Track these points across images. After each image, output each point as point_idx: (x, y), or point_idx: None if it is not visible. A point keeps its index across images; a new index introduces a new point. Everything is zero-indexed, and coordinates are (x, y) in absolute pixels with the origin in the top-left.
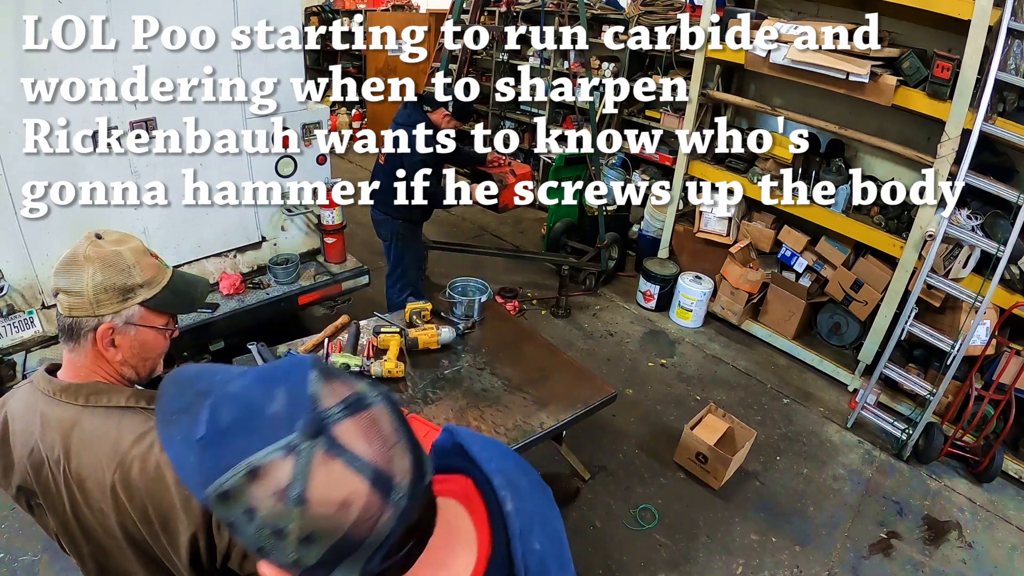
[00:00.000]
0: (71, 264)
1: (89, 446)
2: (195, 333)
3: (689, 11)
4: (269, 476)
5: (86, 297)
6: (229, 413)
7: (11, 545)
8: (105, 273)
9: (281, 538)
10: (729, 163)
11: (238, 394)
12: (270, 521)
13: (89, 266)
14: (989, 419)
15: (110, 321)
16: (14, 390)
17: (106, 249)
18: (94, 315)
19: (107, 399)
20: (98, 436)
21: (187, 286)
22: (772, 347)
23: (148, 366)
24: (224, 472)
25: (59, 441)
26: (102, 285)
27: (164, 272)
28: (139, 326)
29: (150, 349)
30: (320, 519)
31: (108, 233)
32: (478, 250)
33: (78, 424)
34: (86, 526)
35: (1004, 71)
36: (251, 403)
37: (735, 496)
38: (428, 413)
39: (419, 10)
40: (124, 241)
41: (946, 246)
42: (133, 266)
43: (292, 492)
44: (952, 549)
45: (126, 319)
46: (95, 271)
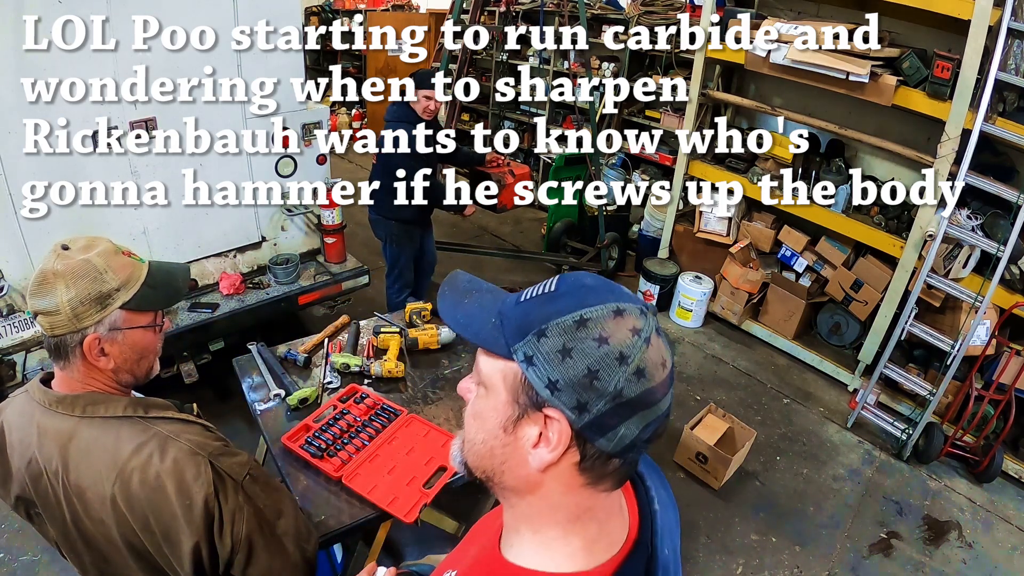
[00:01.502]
0: (42, 283)
1: (87, 458)
2: (195, 333)
3: (689, 11)
4: (626, 319)
5: (63, 314)
6: (592, 280)
7: (11, 545)
8: (78, 286)
9: (624, 363)
10: (729, 163)
11: (596, 276)
12: (620, 348)
13: (60, 282)
14: (989, 419)
15: (94, 332)
16: (10, 399)
17: (74, 260)
18: (77, 329)
19: (104, 409)
20: (96, 447)
21: (167, 277)
22: (772, 347)
23: (144, 366)
24: (583, 309)
25: (57, 453)
26: (77, 299)
27: (140, 268)
28: (125, 329)
29: (143, 349)
30: (650, 363)
31: (75, 241)
32: (478, 250)
33: (75, 436)
34: (87, 536)
35: (1004, 71)
36: (610, 282)
37: (735, 496)
38: (428, 413)
39: (419, 10)
40: (92, 246)
41: (946, 246)
42: (104, 271)
43: (644, 333)
44: (952, 549)
45: (110, 326)
46: (67, 286)
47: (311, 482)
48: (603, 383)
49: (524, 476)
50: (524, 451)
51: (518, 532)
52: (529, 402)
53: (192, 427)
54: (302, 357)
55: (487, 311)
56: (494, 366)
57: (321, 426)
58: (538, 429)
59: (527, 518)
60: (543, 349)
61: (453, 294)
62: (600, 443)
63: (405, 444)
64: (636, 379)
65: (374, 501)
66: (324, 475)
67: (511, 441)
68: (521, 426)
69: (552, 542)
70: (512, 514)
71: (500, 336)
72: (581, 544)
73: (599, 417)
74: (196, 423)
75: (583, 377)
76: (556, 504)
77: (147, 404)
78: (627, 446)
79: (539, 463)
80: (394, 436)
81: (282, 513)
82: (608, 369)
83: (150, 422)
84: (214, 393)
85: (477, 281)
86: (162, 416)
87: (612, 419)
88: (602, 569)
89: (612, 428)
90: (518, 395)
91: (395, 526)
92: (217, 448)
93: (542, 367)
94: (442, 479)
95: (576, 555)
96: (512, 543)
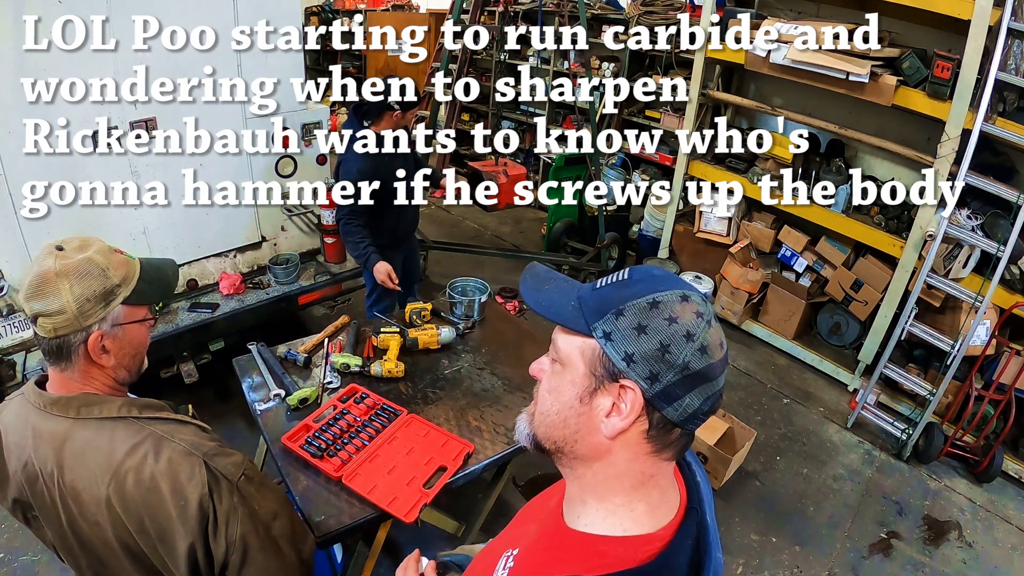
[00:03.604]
0: (42, 285)
1: (82, 459)
2: (195, 333)
3: (689, 11)
4: (691, 303)
5: (70, 313)
6: (660, 272)
7: (11, 545)
8: (84, 283)
9: (690, 340)
10: (729, 163)
11: (663, 269)
12: (687, 327)
13: (64, 281)
14: (989, 419)
15: (98, 329)
16: (6, 402)
17: (74, 259)
18: (81, 328)
19: (98, 410)
20: (91, 449)
21: (157, 272)
22: (772, 347)
23: (138, 361)
24: (655, 293)
25: (52, 455)
26: (84, 296)
27: (133, 265)
28: (124, 324)
29: (137, 344)
30: (711, 342)
31: (68, 242)
32: (478, 250)
33: (70, 437)
34: (83, 538)
35: (1004, 71)
36: (670, 273)
37: (735, 496)
38: (428, 413)
39: (419, 10)
40: (88, 246)
41: (946, 246)
42: (107, 268)
43: (706, 317)
44: (952, 549)
45: (112, 322)
46: (72, 284)
47: (311, 482)
48: (673, 356)
49: (595, 443)
50: (597, 420)
51: (584, 503)
52: (606, 374)
53: (186, 427)
54: (302, 357)
55: (566, 296)
56: (572, 343)
57: (321, 426)
58: (611, 399)
59: (593, 487)
60: (621, 326)
61: (534, 281)
62: (668, 411)
63: (405, 444)
64: (700, 354)
65: (374, 501)
66: (324, 475)
67: (585, 411)
68: (596, 397)
69: (618, 509)
70: (578, 485)
71: (580, 316)
72: (645, 509)
73: (669, 387)
74: (191, 423)
75: (656, 351)
76: (623, 471)
77: (141, 405)
78: (690, 416)
79: (611, 431)
80: (394, 436)
81: (277, 514)
82: (678, 344)
83: (144, 422)
84: (214, 393)
85: (553, 272)
86: (156, 416)
87: (679, 389)
88: (663, 532)
89: (679, 398)
90: (595, 368)
91: (395, 526)
92: (212, 448)
93: (620, 342)
94: (442, 479)
95: (641, 519)
96: (579, 514)
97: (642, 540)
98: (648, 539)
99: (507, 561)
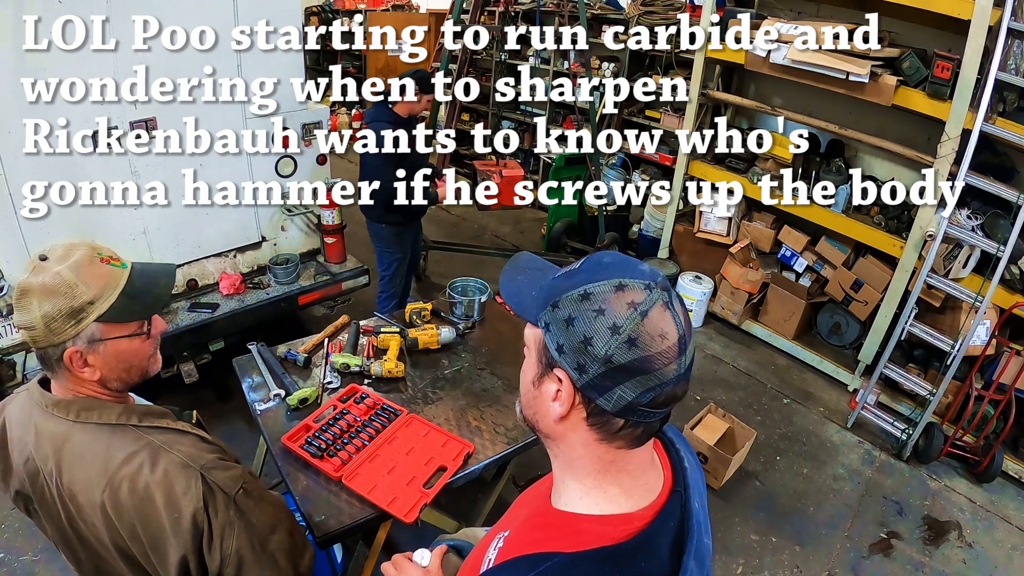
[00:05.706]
0: (20, 297)
1: (79, 462)
2: (195, 333)
3: (689, 11)
4: (627, 293)
5: (39, 329)
6: (610, 259)
7: (11, 545)
8: (49, 302)
9: (616, 333)
10: (729, 163)
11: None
12: (615, 319)
13: (33, 298)
14: (989, 419)
15: (73, 346)
16: (14, 395)
17: (46, 274)
18: (54, 344)
19: (97, 416)
20: (88, 453)
21: (147, 282)
22: (772, 347)
23: (135, 373)
24: (590, 284)
25: (52, 454)
26: (49, 315)
27: (118, 275)
28: (105, 340)
29: (130, 357)
30: (644, 334)
31: (53, 250)
32: (478, 250)
33: (69, 439)
34: (81, 535)
35: (1004, 71)
36: (626, 259)
37: (735, 496)
38: (428, 413)
39: (419, 10)
40: (68, 255)
41: (946, 246)
42: (75, 285)
43: (640, 308)
44: (952, 549)
45: (88, 339)
46: (39, 302)
47: (311, 482)
48: (595, 349)
49: (551, 425)
50: (547, 403)
51: (564, 483)
52: (548, 362)
53: (187, 438)
54: (302, 357)
55: (532, 286)
56: (531, 331)
57: (321, 426)
58: (555, 386)
59: (567, 466)
60: (556, 318)
61: (511, 271)
62: (600, 402)
63: (405, 444)
64: (627, 347)
65: (374, 501)
66: (324, 475)
67: (538, 394)
68: (544, 382)
69: (592, 490)
70: (557, 465)
71: (532, 307)
72: (619, 491)
73: (595, 378)
74: (192, 434)
75: (579, 343)
76: (581, 455)
77: (142, 412)
78: (625, 407)
79: (555, 414)
80: (394, 436)
81: (275, 528)
82: (600, 337)
83: (143, 431)
84: (214, 393)
85: (537, 260)
86: (156, 426)
87: (607, 381)
88: (644, 512)
89: (608, 389)
90: (541, 356)
91: (395, 526)
92: (210, 461)
93: (554, 333)
94: (442, 479)
95: (617, 499)
96: (561, 494)
97: (621, 519)
98: (627, 518)
99: (498, 542)
